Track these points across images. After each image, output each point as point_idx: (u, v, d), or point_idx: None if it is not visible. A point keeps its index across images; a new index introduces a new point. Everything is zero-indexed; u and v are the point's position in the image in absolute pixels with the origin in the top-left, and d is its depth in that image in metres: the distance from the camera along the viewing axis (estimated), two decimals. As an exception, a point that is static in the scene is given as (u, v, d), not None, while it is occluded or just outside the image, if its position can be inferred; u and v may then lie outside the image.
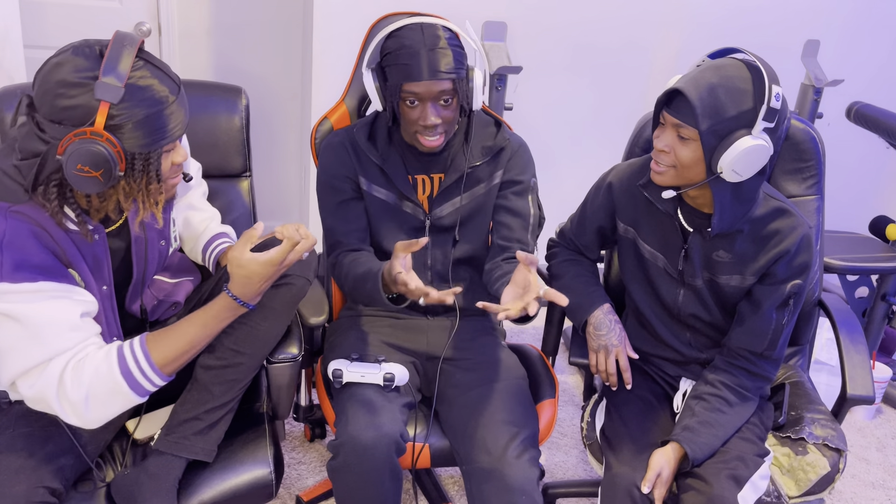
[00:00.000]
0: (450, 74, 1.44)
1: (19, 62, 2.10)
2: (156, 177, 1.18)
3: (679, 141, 1.36)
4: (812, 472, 1.47)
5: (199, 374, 1.36)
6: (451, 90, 1.45)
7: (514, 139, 1.65)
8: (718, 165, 1.34)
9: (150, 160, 1.16)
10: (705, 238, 1.48)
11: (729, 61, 1.35)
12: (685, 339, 1.61)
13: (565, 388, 2.64)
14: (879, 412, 2.66)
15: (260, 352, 1.38)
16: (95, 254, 1.27)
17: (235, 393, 1.37)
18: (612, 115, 3.03)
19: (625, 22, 2.89)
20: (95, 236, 1.26)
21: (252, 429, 1.47)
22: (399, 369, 1.48)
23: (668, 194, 1.42)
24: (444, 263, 1.66)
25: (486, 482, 1.42)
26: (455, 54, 1.45)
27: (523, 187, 1.64)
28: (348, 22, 2.60)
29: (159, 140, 1.15)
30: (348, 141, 1.61)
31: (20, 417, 1.29)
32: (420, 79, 1.42)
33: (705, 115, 1.31)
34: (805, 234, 1.44)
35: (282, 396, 1.51)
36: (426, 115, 1.46)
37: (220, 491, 1.37)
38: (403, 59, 1.43)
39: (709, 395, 1.49)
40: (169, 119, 1.15)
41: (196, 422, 1.34)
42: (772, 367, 1.52)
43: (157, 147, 1.15)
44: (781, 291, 1.45)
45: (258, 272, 1.25)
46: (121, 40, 1.13)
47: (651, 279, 1.59)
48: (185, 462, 1.34)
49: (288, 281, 1.37)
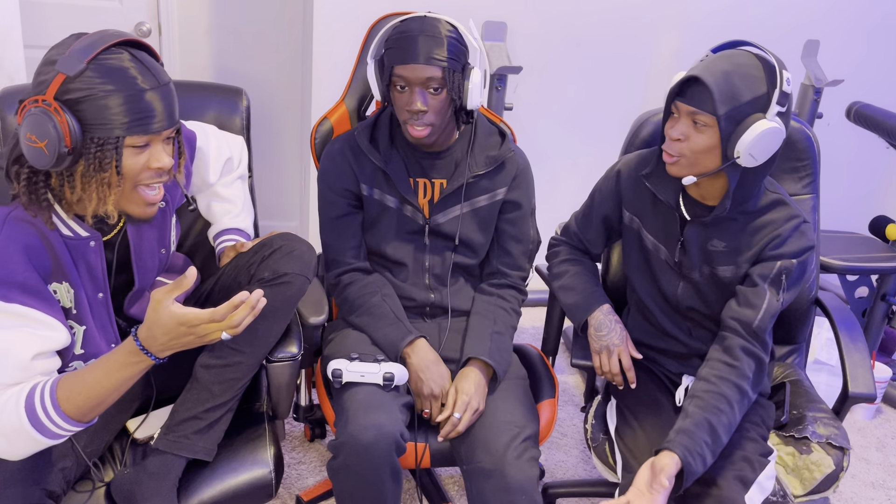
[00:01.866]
0: (440, 62, 1.44)
1: (19, 62, 2.10)
2: (115, 169, 1.13)
3: (694, 128, 1.37)
4: (817, 471, 1.46)
5: (198, 374, 1.36)
6: (440, 79, 1.45)
7: (520, 155, 1.65)
8: (736, 150, 1.34)
9: (106, 146, 1.12)
10: (702, 226, 1.49)
11: (737, 51, 1.38)
12: (686, 330, 1.60)
13: (565, 388, 2.64)
14: (879, 412, 2.66)
15: (259, 350, 1.37)
16: (89, 261, 1.26)
17: (235, 392, 1.37)
18: (611, 115, 3.04)
19: (624, 22, 2.89)
20: (91, 243, 1.25)
21: (252, 428, 1.47)
22: (399, 369, 1.48)
23: (689, 180, 1.42)
24: (442, 267, 1.66)
25: (487, 482, 1.42)
26: (451, 45, 1.45)
27: (526, 212, 1.67)
28: (348, 22, 2.60)
29: (120, 127, 1.11)
30: (348, 146, 1.61)
31: None
32: (409, 62, 1.43)
33: (723, 100, 1.32)
34: (799, 224, 1.44)
35: (281, 396, 1.51)
36: (413, 100, 1.46)
37: (219, 490, 1.36)
38: (399, 43, 1.45)
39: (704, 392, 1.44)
40: (135, 109, 1.12)
41: (196, 421, 1.34)
42: (762, 348, 1.45)
43: (115, 133, 1.11)
44: (771, 266, 1.44)
45: (166, 325, 1.11)
46: (106, 30, 1.14)
47: (653, 271, 1.59)
48: (185, 461, 1.33)
49: (287, 280, 1.36)
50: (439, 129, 1.53)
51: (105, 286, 1.30)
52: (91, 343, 1.29)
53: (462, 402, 1.48)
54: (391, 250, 1.63)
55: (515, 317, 1.67)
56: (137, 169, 1.16)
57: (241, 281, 1.40)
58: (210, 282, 1.49)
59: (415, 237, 1.64)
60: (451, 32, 1.47)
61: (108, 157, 1.12)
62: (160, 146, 1.18)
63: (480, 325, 1.61)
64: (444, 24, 1.47)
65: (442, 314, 1.68)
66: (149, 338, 1.13)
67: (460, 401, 1.48)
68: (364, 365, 1.47)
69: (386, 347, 1.55)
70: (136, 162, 1.16)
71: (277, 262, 1.36)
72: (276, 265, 1.36)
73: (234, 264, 1.43)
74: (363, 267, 1.65)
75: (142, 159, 1.16)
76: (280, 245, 1.39)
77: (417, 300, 1.65)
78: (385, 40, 1.50)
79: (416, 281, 1.65)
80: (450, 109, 1.51)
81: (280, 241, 1.40)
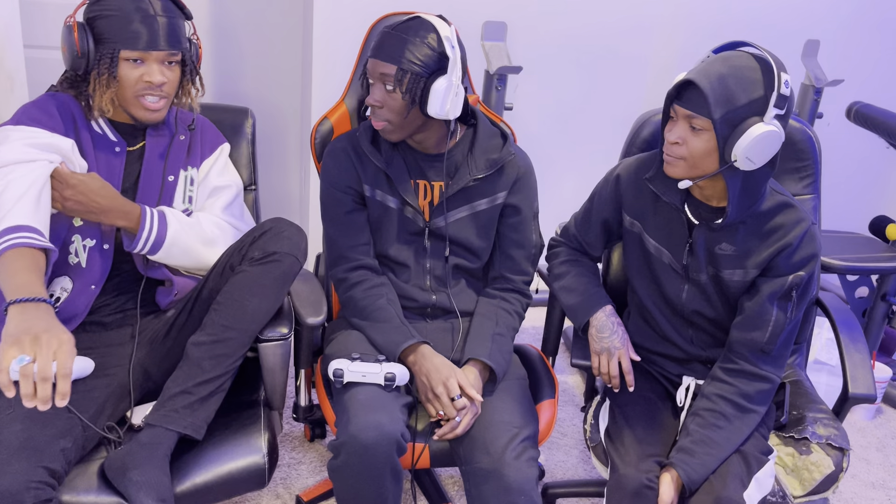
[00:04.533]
0: (395, 61, 1.44)
1: (19, 62, 2.10)
2: (112, 75, 1.41)
3: (691, 132, 1.37)
4: (816, 472, 1.47)
5: (189, 351, 1.40)
6: (392, 77, 1.45)
7: (522, 158, 1.64)
8: (732, 154, 1.34)
9: (104, 56, 1.40)
10: (711, 230, 1.49)
11: (736, 53, 1.37)
12: (687, 336, 1.60)
13: (565, 388, 2.64)
14: (879, 412, 2.66)
15: (249, 327, 1.42)
16: (111, 163, 1.49)
17: (225, 368, 1.40)
18: (611, 115, 3.04)
19: (624, 22, 2.89)
20: (116, 148, 1.50)
21: (246, 416, 1.50)
22: (400, 369, 1.48)
23: (685, 184, 1.42)
24: (443, 269, 1.66)
25: (486, 482, 1.42)
26: (417, 49, 1.45)
27: (528, 216, 1.66)
28: (348, 22, 2.60)
29: (117, 42, 1.40)
30: (350, 146, 1.61)
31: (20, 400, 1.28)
32: (372, 56, 1.47)
33: (718, 104, 1.31)
34: (808, 229, 1.44)
35: (275, 381, 1.53)
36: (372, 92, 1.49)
37: (212, 475, 1.38)
38: (374, 38, 1.48)
39: (705, 410, 1.48)
40: (128, 29, 1.40)
41: (186, 395, 1.37)
42: (773, 367, 1.49)
43: (113, 47, 1.40)
44: (782, 283, 1.45)
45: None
46: None
47: (655, 274, 1.59)
48: (176, 436, 1.36)
49: (275, 258, 1.42)
50: (397, 127, 1.52)
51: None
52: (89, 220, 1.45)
53: (461, 404, 1.48)
54: (394, 252, 1.63)
55: (518, 319, 1.67)
56: (133, 79, 1.43)
57: (233, 263, 1.46)
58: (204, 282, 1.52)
59: (416, 239, 1.64)
60: (428, 37, 1.46)
61: (106, 63, 1.41)
62: (155, 66, 1.43)
63: (482, 326, 1.61)
64: (425, 27, 1.46)
65: (443, 315, 1.68)
66: None
67: (459, 403, 1.48)
68: (365, 365, 1.47)
69: (386, 348, 1.55)
70: (131, 73, 1.42)
71: (267, 242, 1.44)
72: (266, 245, 1.44)
73: (226, 250, 1.51)
74: (372, 265, 1.64)
75: (136, 72, 1.42)
76: (270, 227, 1.47)
77: (419, 301, 1.65)
78: None
79: (417, 282, 1.65)
80: (408, 111, 1.49)
81: (270, 224, 1.48)
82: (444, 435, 1.48)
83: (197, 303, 1.50)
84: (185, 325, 1.50)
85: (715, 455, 1.41)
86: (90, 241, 1.46)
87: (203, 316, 1.46)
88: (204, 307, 1.48)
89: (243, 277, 1.42)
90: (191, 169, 1.59)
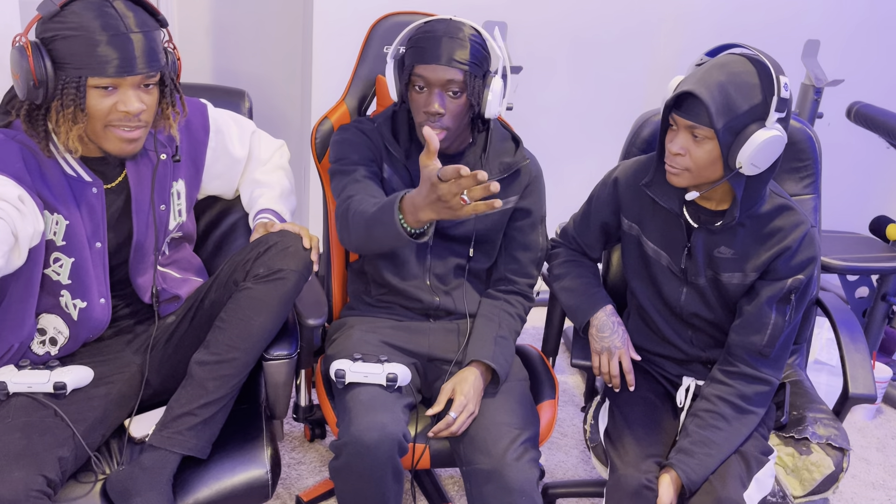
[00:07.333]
0: (462, 65, 1.43)
1: (19, 62, 2.09)
2: (80, 107, 1.21)
3: (694, 142, 1.36)
4: (817, 472, 1.47)
5: (193, 370, 1.36)
6: (460, 82, 1.44)
7: (533, 162, 1.65)
8: (737, 161, 1.34)
9: (69, 85, 1.19)
10: (710, 233, 1.48)
11: (732, 57, 1.36)
12: (687, 338, 1.60)
13: (565, 388, 2.64)
14: (879, 412, 2.67)
15: (254, 347, 1.38)
16: (91, 204, 1.33)
17: (230, 389, 1.37)
18: (611, 115, 3.03)
19: (625, 22, 2.89)
20: (94, 189, 1.32)
21: (249, 428, 1.47)
22: (402, 370, 1.48)
23: (692, 195, 1.41)
24: (444, 268, 1.65)
25: (486, 483, 1.42)
26: (474, 50, 1.45)
27: (536, 220, 1.66)
28: (348, 22, 2.59)
29: (82, 68, 1.19)
30: (372, 129, 1.60)
31: (18, 409, 1.29)
32: (431, 62, 1.42)
33: (719, 113, 1.31)
34: (807, 232, 1.44)
35: (279, 395, 1.51)
36: (431, 101, 1.45)
37: (215, 490, 1.36)
38: (421, 42, 1.44)
39: (704, 411, 1.48)
40: (94, 53, 1.18)
41: (190, 417, 1.34)
42: (772, 369, 1.49)
43: (76, 73, 1.19)
44: (781, 286, 1.45)
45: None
46: None
47: (654, 277, 1.59)
48: (180, 458, 1.33)
49: (281, 276, 1.37)
50: (454, 134, 1.52)
51: (104, 235, 1.35)
52: (79, 277, 1.34)
53: (459, 403, 1.48)
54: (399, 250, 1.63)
55: (520, 322, 1.67)
56: (104, 110, 1.23)
57: (237, 278, 1.40)
58: (207, 283, 1.49)
59: None
60: (475, 37, 1.46)
61: (70, 94, 1.20)
62: (130, 91, 1.23)
63: (485, 328, 1.61)
64: (468, 28, 1.46)
65: (445, 316, 1.68)
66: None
67: (458, 402, 1.48)
68: (367, 365, 1.47)
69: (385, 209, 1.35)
70: (102, 103, 1.22)
71: (272, 258, 1.37)
72: (271, 261, 1.37)
73: (230, 261, 1.44)
74: None
75: (108, 102, 1.23)
76: (275, 242, 1.39)
77: (424, 302, 1.65)
78: (407, 40, 1.49)
79: (417, 283, 1.65)
80: (467, 115, 1.50)
81: (275, 238, 1.40)
82: (440, 432, 1.48)
83: (198, 312, 1.46)
84: (186, 333, 1.47)
85: (714, 456, 1.41)
86: (80, 301, 1.37)
87: (204, 325, 1.43)
88: (205, 317, 1.44)
89: (248, 295, 1.36)
90: (176, 184, 1.49)
